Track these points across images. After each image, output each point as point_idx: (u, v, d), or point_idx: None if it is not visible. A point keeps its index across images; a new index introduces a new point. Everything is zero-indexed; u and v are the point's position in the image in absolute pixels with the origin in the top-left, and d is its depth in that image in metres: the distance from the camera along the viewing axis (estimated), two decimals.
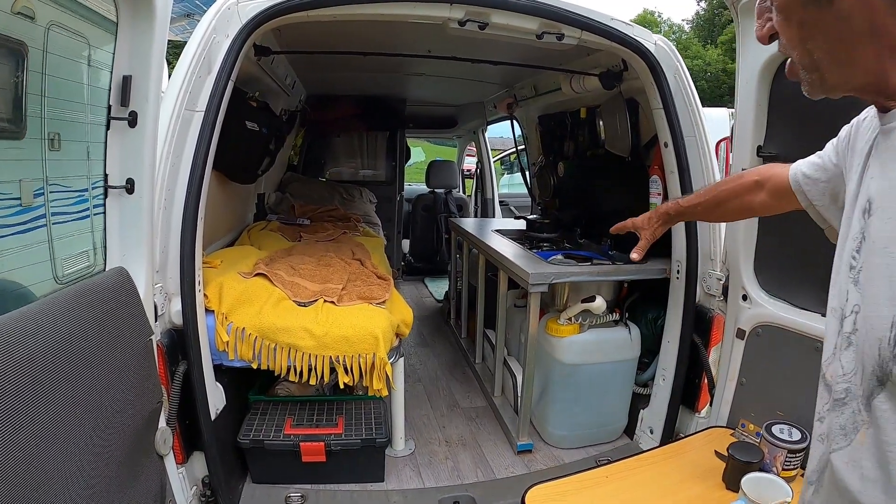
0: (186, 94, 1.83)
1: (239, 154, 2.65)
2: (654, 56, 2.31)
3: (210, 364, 2.05)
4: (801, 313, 1.98)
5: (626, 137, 2.79)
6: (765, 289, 2.13)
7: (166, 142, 1.78)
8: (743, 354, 2.18)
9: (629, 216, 1.79)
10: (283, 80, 3.34)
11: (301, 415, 2.39)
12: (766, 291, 2.13)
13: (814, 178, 1.05)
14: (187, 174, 1.84)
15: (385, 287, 2.39)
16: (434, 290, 5.65)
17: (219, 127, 1.92)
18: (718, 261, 2.33)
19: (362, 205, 5.00)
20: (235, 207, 3.33)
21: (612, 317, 2.65)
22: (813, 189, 1.06)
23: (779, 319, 2.04)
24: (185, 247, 1.83)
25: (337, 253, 2.85)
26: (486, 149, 5.97)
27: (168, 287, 1.87)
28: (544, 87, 3.65)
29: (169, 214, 1.85)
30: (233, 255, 2.49)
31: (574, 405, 2.67)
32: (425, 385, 3.39)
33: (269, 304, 2.08)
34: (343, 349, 2.04)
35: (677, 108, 2.32)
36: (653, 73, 2.34)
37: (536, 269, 2.42)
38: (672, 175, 2.40)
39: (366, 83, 4.48)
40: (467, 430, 2.89)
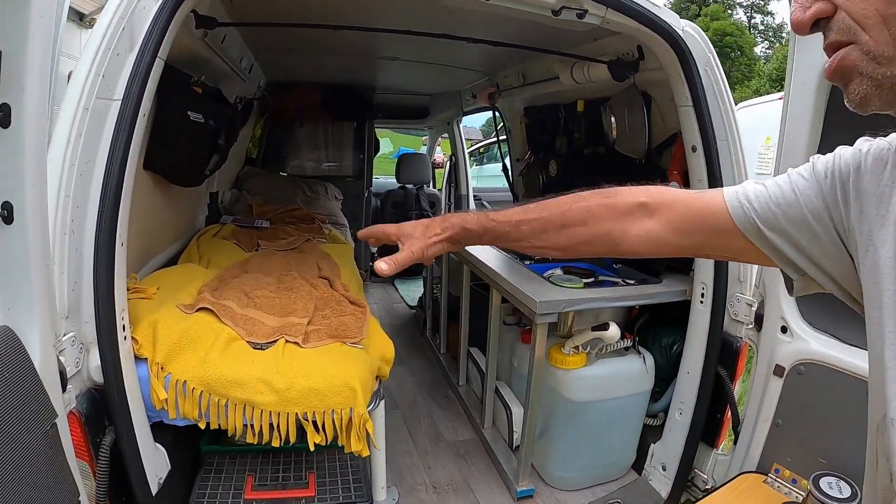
0: (98, 77, 1.37)
1: (180, 152, 2.17)
2: (686, 44, 1.95)
3: (146, 426, 1.62)
4: (851, 351, 1.72)
5: (642, 137, 2.44)
6: (808, 321, 1.86)
7: (69, 144, 1.33)
8: (781, 393, 1.91)
9: None
10: (237, 62, 2.86)
11: (264, 469, 1.98)
12: (809, 324, 1.85)
13: (777, 210, 0.77)
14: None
15: (360, 317, 1.97)
16: (406, 294, 5.24)
17: (145, 119, 1.47)
18: (750, 284, 2.04)
19: (327, 203, 4.54)
20: (182, 212, 2.85)
21: (623, 343, 2.31)
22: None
23: (825, 357, 1.77)
24: (100, 285, 1.38)
25: (300, 270, 2.41)
26: (460, 141, 5.56)
27: (85, 335, 1.43)
28: (536, 76, 3.26)
29: (80, 240, 1.39)
30: (173, 278, 2.02)
31: (580, 444, 2.33)
32: (403, 413, 3.00)
33: (216, 348, 1.64)
34: (312, 404, 1.63)
35: (710, 105, 1.99)
36: (682, 63, 1.99)
37: (545, 296, 2.04)
38: (700, 185, 2.07)
39: (332, 68, 4.03)
40: (456, 470, 2.52)
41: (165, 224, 2.50)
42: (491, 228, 1.03)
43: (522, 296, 2.12)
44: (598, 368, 2.26)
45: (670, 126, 2.41)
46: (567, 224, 0.95)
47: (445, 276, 3.56)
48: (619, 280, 2.48)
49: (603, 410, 2.28)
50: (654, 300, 2.30)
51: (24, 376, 1.08)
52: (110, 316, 1.41)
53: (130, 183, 1.47)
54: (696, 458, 2.21)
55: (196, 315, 1.73)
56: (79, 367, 1.42)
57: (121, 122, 1.38)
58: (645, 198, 0.91)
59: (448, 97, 5.00)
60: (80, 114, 1.35)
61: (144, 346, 1.60)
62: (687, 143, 2.10)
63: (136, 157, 1.48)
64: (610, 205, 0.93)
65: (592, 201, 0.95)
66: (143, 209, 2.16)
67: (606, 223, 0.93)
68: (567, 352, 2.23)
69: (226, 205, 3.76)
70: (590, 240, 0.95)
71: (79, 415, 1.40)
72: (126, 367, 1.50)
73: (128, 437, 1.50)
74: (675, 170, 2.34)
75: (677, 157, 2.33)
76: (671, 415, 2.29)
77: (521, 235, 1.00)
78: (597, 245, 0.96)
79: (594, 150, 2.99)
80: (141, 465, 1.55)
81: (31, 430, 1.08)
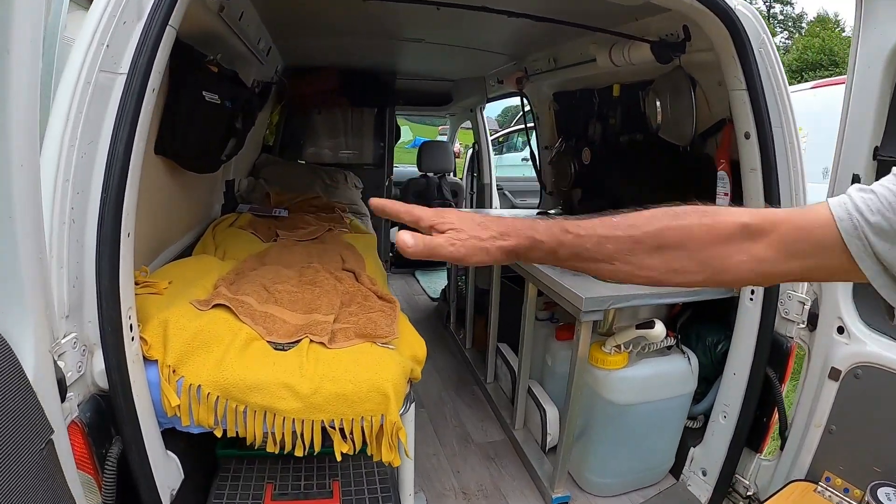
0: (102, 48, 1.22)
1: (194, 134, 2.02)
2: (741, 22, 1.79)
3: (157, 434, 1.49)
4: None
5: (689, 123, 2.25)
6: (867, 321, 1.73)
7: (69, 122, 1.18)
8: (835, 398, 1.77)
9: None
10: (255, 43, 2.70)
11: (285, 477, 1.85)
12: (867, 325, 1.73)
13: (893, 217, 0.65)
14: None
15: (391, 314, 1.81)
16: (427, 285, 5.10)
17: (154, 95, 1.31)
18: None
19: (347, 191, 4.38)
20: (197, 200, 2.71)
21: (666, 342, 2.13)
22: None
23: (885, 360, 1.66)
24: (103, 280, 1.24)
25: (323, 262, 2.26)
26: (484, 129, 5.37)
27: (88, 336, 1.29)
28: (568, 59, 3.07)
29: (81, 230, 1.25)
30: (187, 271, 1.88)
31: (619, 449, 2.18)
32: (429, 411, 2.85)
33: (233, 349, 1.49)
34: (340, 411, 1.48)
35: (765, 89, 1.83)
36: (736, 43, 1.82)
37: (591, 292, 1.87)
38: (752, 174, 1.91)
39: (352, 52, 3.87)
40: (486, 474, 2.37)
41: (179, 213, 2.36)
42: (568, 243, 0.79)
43: (565, 291, 1.96)
44: (641, 369, 2.10)
45: (716, 112, 2.23)
46: (663, 246, 0.77)
47: (472, 269, 3.39)
48: None
49: (645, 413, 2.12)
50: (703, 296, 2.13)
51: (14, 389, 0.95)
52: (115, 315, 1.27)
53: (138, 166, 1.32)
54: (739, 463, 2.08)
55: (211, 312, 1.59)
56: (81, 372, 1.29)
57: (126, 98, 1.23)
58: (748, 218, 0.74)
59: (472, 83, 4.84)
60: (80, 88, 1.20)
61: (154, 348, 1.46)
62: (739, 130, 1.94)
63: (145, 137, 1.33)
64: (710, 225, 0.75)
65: (691, 220, 0.77)
66: (155, 197, 2.02)
67: (707, 248, 0.75)
68: (608, 351, 2.07)
69: (242, 193, 3.62)
70: (687, 267, 0.77)
71: (81, 425, 1.27)
72: (134, 371, 1.36)
73: (136, 448, 1.36)
74: (722, 158, 2.17)
75: (725, 144, 2.16)
76: (714, 418, 2.15)
77: (604, 255, 0.79)
78: (694, 274, 0.77)
79: (631, 137, 2.80)
80: (151, 477, 1.41)
81: (24, 450, 0.94)
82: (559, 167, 3.49)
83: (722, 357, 2.16)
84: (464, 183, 5.86)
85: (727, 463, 2.07)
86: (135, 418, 1.35)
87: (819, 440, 1.81)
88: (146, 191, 1.91)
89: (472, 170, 5.81)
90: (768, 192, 1.86)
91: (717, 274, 0.76)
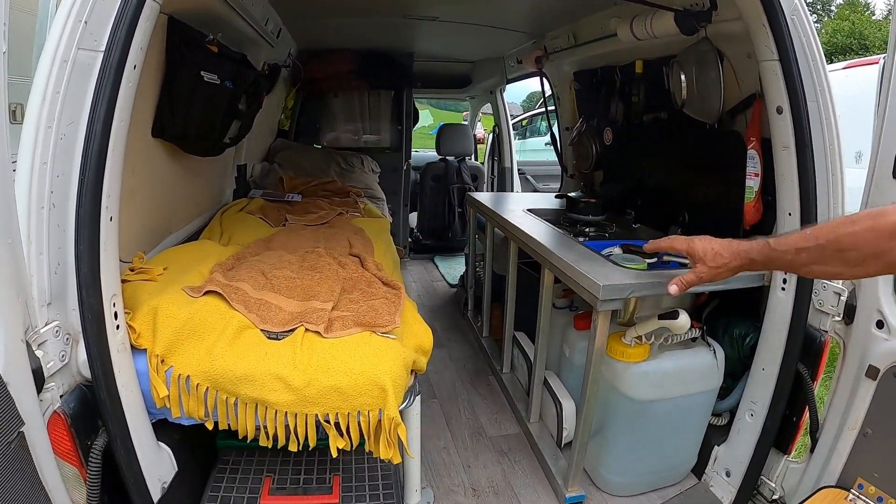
0: (80, 25, 1.15)
1: (193, 116, 1.95)
2: None
3: (146, 425, 1.43)
4: None
5: (716, 98, 2.10)
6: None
7: (45, 102, 1.12)
8: (872, 399, 1.63)
9: (710, 200, 1.58)
10: (261, 24, 2.62)
11: (284, 470, 1.79)
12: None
13: None
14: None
15: (394, 301, 1.72)
16: (446, 271, 5.01)
17: (136, 72, 1.24)
18: None
19: (363, 176, 4.31)
20: (205, 185, 2.65)
21: (691, 333, 2.00)
22: None
23: None
24: (83, 267, 1.17)
25: (328, 247, 2.18)
26: (504, 111, 5.24)
27: (72, 324, 1.24)
28: (588, 35, 2.94)
29: (63, 214, 1.19)
30: (184, 256, 1.82)
31: (639, 447, 2.07)
32: (442, 402, 2.77)
33: (224, 338, 1.42)
34: (334, 405, 1.40)
35: (798, 60, 1.68)
36: (768, 10, 1.67)
37: (609, 279, 1.76)
38: (785, 152, 1.76)
39: (367, 33, 3.78)
40: (498, 470, 2.28)
41: (184, 198, 2.30)
42: (775, 258, 1.18)
43: (582, 278, 1.84)
44: (664, 362, 1.97)
45: (745, 87, 2.08)
46: (842, 249, 1.01)
47: (490, 253, 3.30)
48: (688, 260, 2.16)
49: (666, 410, 2.00)
50: (730, 286, 1.97)
51: None
52: (96, 302, 1.21)
53: (121, 147, 1.25)
54: (765, 464, 1.95)
55: (203, 299, 1.52)
56: (65, 361, 1.24)
57: (104, 75, 1.16)
58: None
59: (491, 64, 4.73)
60: (57, 67, 1.15)
61: (143, 336, 1.40)
62: (770, 105, 1.79)
63: (127, 117, 1.25)
64: (877, 227, 0.96)
65: (862, 225, 0.98)
66: (156, 181, 1.97)
67: (878, 244, 0.96)
68: (628, 342, 1.95)
69: (256, 178, 3.57)
70: (865, 262, 0.99)
71: (64, 415, 1.22)
72: (119, 361, 1.31)
73: (122, 440, 1.31)
74: (752, 136, 2.02)
75: (755, 121, 2.01)
76: (741, 416, 2.02)
77: (802, 262, 1.11)
78: (873, 267, 1.00)
79: (655, 115, 2.65)
80: (139, 470, 1.36)
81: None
82: (580, 148, 3.35)
83: (750, 350, 2.02)
84: (485, 167, 5.74)
85: (753, 464, 1.95)
86: (120, 410, 1.30)
87: (853, 444, 1.67)
88: (144, 175, 1.87)
89: (493, 154, 5.69)
90: (802, 171, 1.71)
91: (892, 267, 1.00)
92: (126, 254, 1.73)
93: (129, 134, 1.29)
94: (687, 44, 2.20)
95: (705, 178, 2.30)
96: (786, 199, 1.79)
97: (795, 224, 1.75)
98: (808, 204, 1.71)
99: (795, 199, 1.75)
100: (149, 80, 1.77)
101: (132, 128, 1.31)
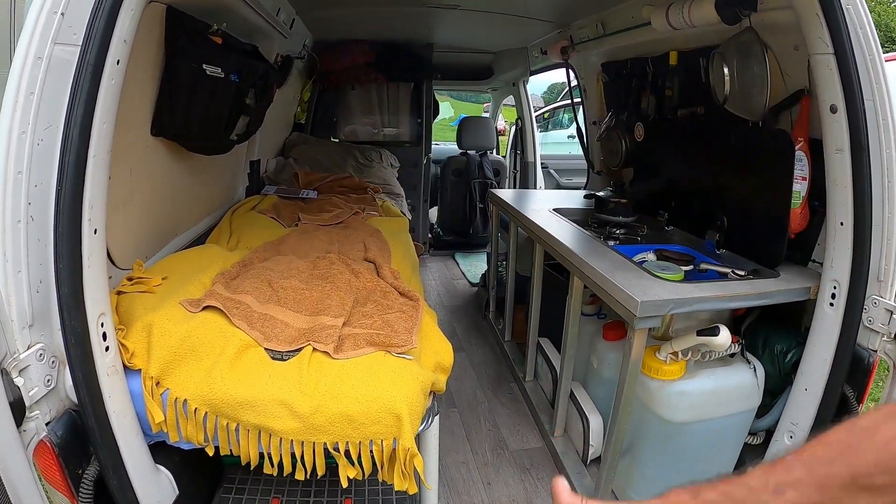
0: (56, 16, 1.03)
1: (195, 112, 1.82)
2: None
3: (142, 450, 1.33)
4: None
5: (761, 93, 1.92)
6: None
7: (17, 105, 1.01)
8: None
9: (751, 204, 1.29)
10: (272, 15, 2.49)
11: (293, 492, 1.68)
12: None
13: None
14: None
15: (412, 315, 1.59)
16: (467, 269, 4.87)
17: (118, 68, 1.11)
18: (892, 284, 1.57)
19: (381, 171, 4.18)
20: (213, 183, 2.54)
21: (730, 349, 1.84)
22: None
23: None
24: (63, 285, 1.06)
25: (342, 251, 2.05)
26: (527, 104, 5.05)
27: (58, 345, 1.13)
28: (618, 24, 2.75)
29: (43, 228, 1.09)
30: (186, 264, 1.70)
31: (670, 470, 1.91)
32: (462, 412, 2.64)
33: (224, 359, 1.31)
34: (344, 433, 1.28)
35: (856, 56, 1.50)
36: None
37: (647, 294, 1.60)
38: (839, 155, 1.57)
39: (384, 24, 3.65)
40: (520, 489, 2.15)
41: (190, 198, 2.19)
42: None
43: (617, 291, 1.69)
44: (701, 381, 1.82)
45: (791, 81, 1.90)
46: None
47: (513, 253, 3.15)
48: (728, 270, 2.00)
49: (701, 432, 1.85)
50: (772, 300, 1.82)
51: None
52: (79, 323, 1.10)
53: (105, 151, 1.13)
54: None
55: (202, 315, 1.40)
56: (51, 386, 1.14)
57: (81, 71, 1.03)
58: None
59: (514, 55, 4.56)
60: (30, 65, 1.03)
61: (137, 356, 1.29)
62: (823, 103, 1.60)
63: (111, 118, 1.13)
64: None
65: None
66: (156, 182, 1.86)
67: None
68: (663, 358, 1.79)
69: (270, 174, 3.46)
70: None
71: (51, 444, 1.12)
72: (110, 385, 1.20)
73: (114, 469, 1.21)
74: (800, 136, 1.84)
75: (803, 120, 1.84)
76: (779, 437, 1.85)
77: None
78: None
79: (691, 110, 2.46)
80: (134, 498, 1.26)
81: None
82: (608, 144, 3.17)
83: (791, 368, 1.85)
84: (507, 161, 5.57)
85: None
86: (111, 437, 1.20)
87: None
88: (143, 175, 1.75)
89: (515, 147, 5.51)
90: (858, 177, 1.52)
91: None
92: (126, 261, 1.63)
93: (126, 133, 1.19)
94: (727, 34, 2.01)
95: (747, 179, 2.12)
96: (837, 206, 1.61)
97: (847, 235, 1.57)
98: (863, 212, 1.53)
99: (848, 208, 1.56)
100: (147, 76, 1.66)
101: (129, 127, 1.20)
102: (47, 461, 1.12)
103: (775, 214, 1.92)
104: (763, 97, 1.93)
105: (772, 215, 1.94)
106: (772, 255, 1.95)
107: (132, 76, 1.22)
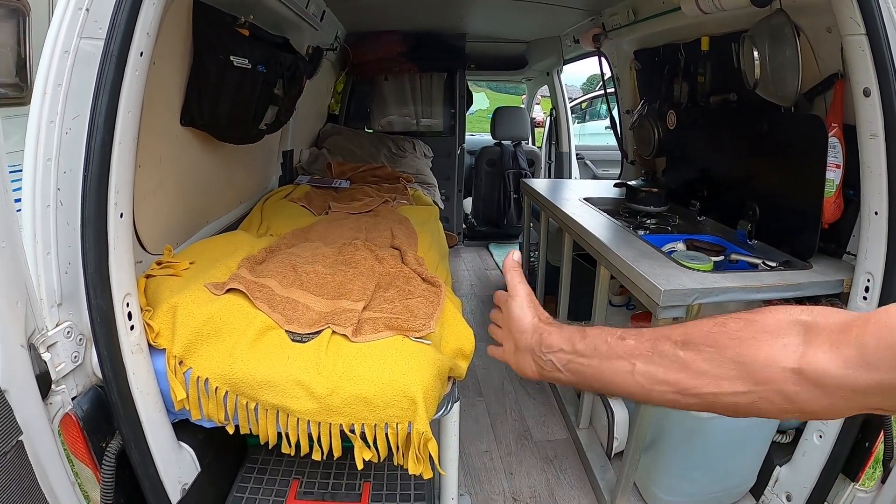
0: (81, 12, 1.08)
1: (224, 103, 1.87)
2: None
3: (165, 427, 1.38)
4: None
5: (794, 78, 1.84)
6: None
7: (46, 96, 1.06)
8: None
9: (784, 193, 1.31)
10: (301, 7, 2.52)
11: (313, 474, 1.72)
12: None
13: None
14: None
15: (432, 301, 1.60)
16: (500, 260, 4.86)
17: (141, 60, 1.15)
18: None
19: (415, 160, 4.21)
20: (245, 172, 2.60)
21: None
22: None
23: None
24: (90, 266, 1.11)
25: (369, 237, 2.08)
26: (562, 93, 4.99)
27: (86, 324, 1.19)
28: (649, 10, 2.69)
29: (72, 212, 1.14)
30: (213, 250, 1.75)
31: (694, 466, 1.88)
32: (488, 402, 2.65)
33: (245, 339, 1.34)
34: (360, 415, 1.30)
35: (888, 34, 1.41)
36: None
37: (670, 283, 1.57)
38: (873, 141, 1.48)
39: (416, 14, 3.66)
40: (542, 478, 2.15)
41: (221, 186, 2.25)
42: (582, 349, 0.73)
43: (640, 279, 1.67)
44: None
45: (824, 65, 1.82)
46: (689, 342, 0.62)
47: (544, 243, 3.13)
48: (759, 260, 1.94)
49: (727, 428, 1.80)
50: (803, 292, 1.74)
51: None
52: (105, 303, 1.15)
53: (130, 140, 1.17)
54: (832, 491, 1.73)
55: (225, 297, 1.45)
56: (78, 362, 1.19)
57: (106, 63, 1.08)
58: (807, 316, 0.57)
59: (547, 44, 4.50)
60: (57, 58, 1.07)
61: (162, 335, 1.34)
62: (856, 86, 1.51)
63: (136, 108, 1.17)
64: (749, 319, 0.60)
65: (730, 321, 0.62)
66: (186, 171, 1.91)
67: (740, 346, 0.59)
68: None
69: (303, 164, 3.52)
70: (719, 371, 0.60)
71: (76, 418, 1.18)
72: (135, 363, 1.25)
73: (136, 443, 1.26)
74: (833, 121, 1.77)
75: (837, 105, 1.76)
76: (808, 436, 1.78)
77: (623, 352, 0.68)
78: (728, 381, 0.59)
79: (723, 97, 2.39)
80: (155, 472, 1.31)
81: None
82: (641, 133, 3.11)
83: None
84: (542, 152, 5.52)
85: (817, 489, 1.72)
86: (134, 412, 1.25)
87: None
88: (174, 164, 1.81)
89: (550, 138, 5.45)
90: (893, 164, 1.45)
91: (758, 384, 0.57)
92: (156, 246, 1.69)
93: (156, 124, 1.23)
94: (759, 17, 1.94)
95: (779, 167, 2.04)
96: (872, 194, 1.53)
97: (882, 225, 1.50)
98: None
99: (883, 196, 1.48)
100: (176, 67, 1.71)
101: (158, 118, 1.24)
102: (72, 433, 1.18)
103: (808, 203, 1.84)
104: (795, 81, 1.86)
105: (804, 204, 1.87)
106: (804, 245, 1.88)
107: (161, 69, 1.27)
